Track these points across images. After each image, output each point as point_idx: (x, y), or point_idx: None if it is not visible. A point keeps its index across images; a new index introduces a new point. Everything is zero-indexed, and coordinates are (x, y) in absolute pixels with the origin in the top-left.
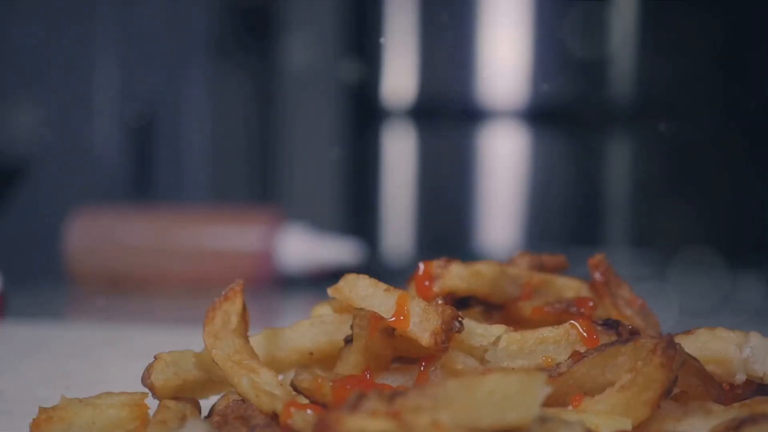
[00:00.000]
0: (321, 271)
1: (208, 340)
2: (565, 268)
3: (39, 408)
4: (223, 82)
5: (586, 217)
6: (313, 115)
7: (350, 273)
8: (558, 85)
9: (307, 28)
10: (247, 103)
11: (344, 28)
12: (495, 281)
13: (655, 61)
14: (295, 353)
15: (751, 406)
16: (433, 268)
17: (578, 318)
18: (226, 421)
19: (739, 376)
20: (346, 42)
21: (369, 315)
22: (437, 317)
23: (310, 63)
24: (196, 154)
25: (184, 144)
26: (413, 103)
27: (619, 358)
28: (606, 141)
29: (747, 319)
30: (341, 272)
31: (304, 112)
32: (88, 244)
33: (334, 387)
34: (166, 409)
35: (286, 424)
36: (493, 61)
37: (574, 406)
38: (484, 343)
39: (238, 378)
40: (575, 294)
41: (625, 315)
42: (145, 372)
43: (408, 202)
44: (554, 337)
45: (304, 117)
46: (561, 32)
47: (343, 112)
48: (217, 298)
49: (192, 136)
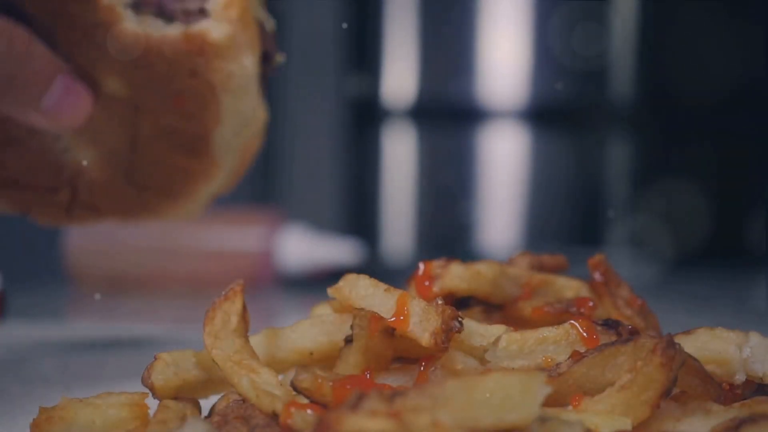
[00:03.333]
0: (321, 271)
1: (208, 340)
2: (565, 268)
3: (39, 408)
4: None
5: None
6: (314, 115)
7: (350, 273)
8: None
9: (307, 27)
10: None
11: (345, 29)
12: (495, 281)
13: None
14: (295, 353)
15: (751, 406)
16: (433, 268)
17: (578, 318)
18: (226, 421)
19: (739, 376)
20: (347, 42)
21: (369, 315)
22: (437, 317)
23: (311, 63)
24: None
25: None
26: (413, 103)
27: (619, 358)
28: (606, 141)
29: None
30: (341, 272)
31: (305, 112)
32: (88, 244)
33: (334, 387)
34: (166, 409)
35: (286, 424)
36: (493, 61)
37: (574, 406)
38: (483, 343)
39: (238, 378)
40: (575, 294)
41: (625, 315)
42: (145, 372)
43: (408, 203)
44: (554, 337)
45: (305, 117)
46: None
47: (343, 112)
48: (217, 298)
49: None
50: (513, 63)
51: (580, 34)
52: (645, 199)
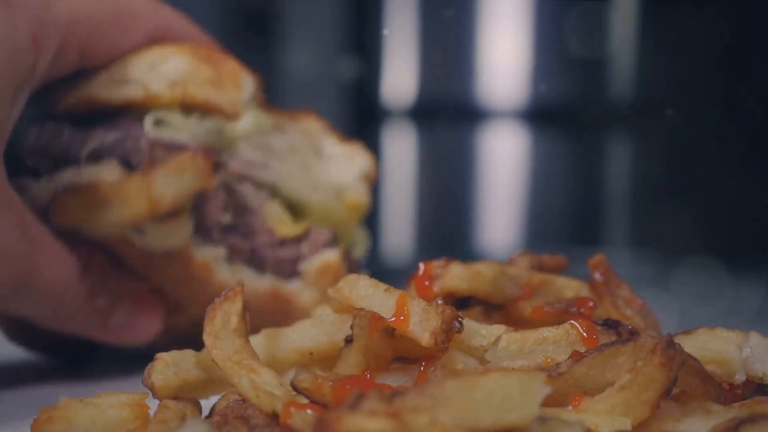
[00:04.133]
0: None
1: (209, 340)
2: (565, 269)
3: (39, 408)
4: None
5: (586, 218)
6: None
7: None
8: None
9: (307, 27)
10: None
11: (344, 28)
12: (495, 281)
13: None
14: (296, 353)
15: (751, 406)
16: (433, 268)
17: (578, 318)
18: (226, 421)
19: (739, 376)
20: (346, 41)
21: (369, 315)
22: (437, 317)
23: (310, 63)
24: None
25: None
26: (413, 103)
27: (619, 358)
28: (606, 141)
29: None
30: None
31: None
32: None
33: (334, 387)
34: (167, 409)
35: (285, 424)
36: (493, 61)
37: (574, 406)
38: (484, 343)
39: (238, 378)
40: (575, 294)
41: (625, 315)
42: (145, 372)
43: (408, 202)
44: (554, 337)
45: None
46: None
47: (343, 111)
48: (217, 298)
49: None
50: (513, 63)
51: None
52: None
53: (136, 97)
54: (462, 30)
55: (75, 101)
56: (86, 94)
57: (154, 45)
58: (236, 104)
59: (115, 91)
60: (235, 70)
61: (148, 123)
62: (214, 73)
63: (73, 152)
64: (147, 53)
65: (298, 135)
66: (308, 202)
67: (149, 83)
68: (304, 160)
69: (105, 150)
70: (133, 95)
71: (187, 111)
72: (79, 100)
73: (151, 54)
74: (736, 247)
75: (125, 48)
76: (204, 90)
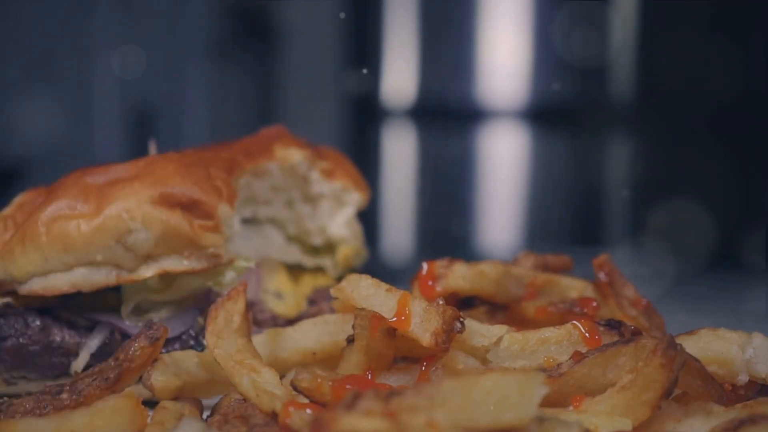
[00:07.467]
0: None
1: (211, 340)
2: (570, 269)
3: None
4: (223, 82)
5: (586, 217)
6: (313, 115)
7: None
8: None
9: (307, 28)
10: (247, 104)
11: (344, 28)
12: (499, 281)
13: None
14: (298, 353)
15: (753, 407)
16: (436, 268)
17: (581, 318)
18: (226, 420)
19: (742, 376)
20: (346, 42)
21: (370, 315)
22: (438, 317)
23: (310, 63)
24: None
25: (184, 144)
26: (413, 103)
27: (620, 358)
28: (606, 141)
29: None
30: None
31: (304, 112)
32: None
33: (333, 387)
34: (164, 410)
35: (284, 424)
36: (493, 61)
37: (575, 407)
38: (485, 344)
39: (239, 377)
40: (579, 294)
41: (630, 315)
42: (145, 373)
43: (408, 202)
44: (556, 338)
45: (304, 117)
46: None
47: (343, 111)
48: (220, 298)
49: (192, 136)
50: (513, 63)
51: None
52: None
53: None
54: (462, 30)
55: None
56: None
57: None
58: (218, 249)
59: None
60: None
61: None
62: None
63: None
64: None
65: (283, 177)
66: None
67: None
68: (291, 203)
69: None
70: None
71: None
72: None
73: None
74: (738, 247)
75: None
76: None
